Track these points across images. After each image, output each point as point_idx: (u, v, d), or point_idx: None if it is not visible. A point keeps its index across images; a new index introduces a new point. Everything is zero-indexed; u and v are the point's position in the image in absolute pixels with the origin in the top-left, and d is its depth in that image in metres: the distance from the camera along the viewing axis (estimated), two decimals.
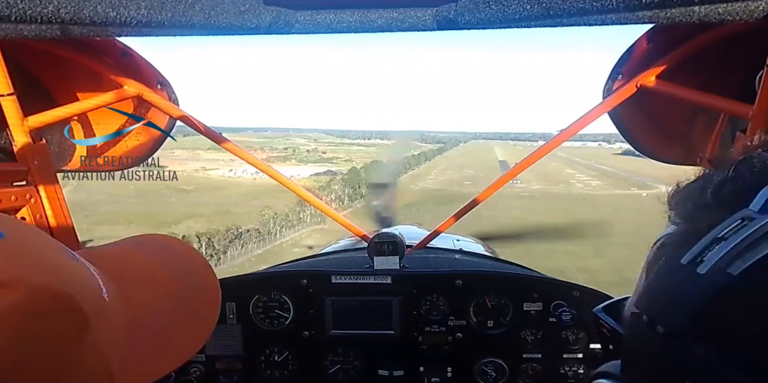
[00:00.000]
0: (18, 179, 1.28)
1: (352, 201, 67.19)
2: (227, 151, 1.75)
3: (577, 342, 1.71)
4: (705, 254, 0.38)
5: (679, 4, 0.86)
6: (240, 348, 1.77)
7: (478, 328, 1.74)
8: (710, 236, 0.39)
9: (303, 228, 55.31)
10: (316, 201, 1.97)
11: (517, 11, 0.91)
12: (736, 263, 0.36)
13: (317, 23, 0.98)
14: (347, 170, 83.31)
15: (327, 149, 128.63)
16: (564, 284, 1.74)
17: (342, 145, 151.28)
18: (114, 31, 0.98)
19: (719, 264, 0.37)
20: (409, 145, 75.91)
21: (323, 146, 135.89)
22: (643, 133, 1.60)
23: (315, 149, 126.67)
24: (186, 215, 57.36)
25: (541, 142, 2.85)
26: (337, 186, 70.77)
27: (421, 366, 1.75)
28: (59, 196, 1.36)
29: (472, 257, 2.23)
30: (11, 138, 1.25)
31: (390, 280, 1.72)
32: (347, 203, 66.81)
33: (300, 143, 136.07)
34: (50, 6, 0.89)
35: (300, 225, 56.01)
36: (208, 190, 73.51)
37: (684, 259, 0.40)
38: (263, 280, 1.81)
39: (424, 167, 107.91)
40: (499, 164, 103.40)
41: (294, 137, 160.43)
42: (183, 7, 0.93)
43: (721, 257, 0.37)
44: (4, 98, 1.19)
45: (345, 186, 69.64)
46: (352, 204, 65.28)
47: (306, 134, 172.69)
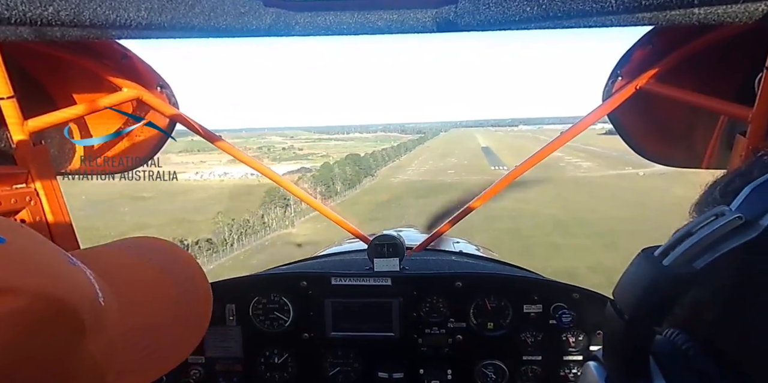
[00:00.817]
0: (18, 181, 1.28)
1: (325, 200, 58.69)
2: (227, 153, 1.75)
3: (576, 344, 1.71)
4: (674, 247, 0.40)
5: (678, 6, 0.86)
6: (240, 349, 1.77)
7: (478, 330, 1.73)
8: (684, 230, 0.40)
9: (268, 234, 49.87)
10: (313, 201, 1.96)
11: (516, 13, 0.91)
12: (703, 257, 0.38)
13: (317, 25, 0.98)
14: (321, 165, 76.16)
15: (303, 146, 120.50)
16: (564, 286, 1.73)
17: (320, 141, 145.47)
18: (114, 33, 0.98)
19: (684, 256, 0.39)
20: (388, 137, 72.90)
21: (300, 143, 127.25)
22: (643, 134, 1.60)
23: (291, 147, 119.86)
24: (134, 226, 47.90)
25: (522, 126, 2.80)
26: (307, 185, 59.94)
27: (421, 368, 1.74)
28: (59, 198, 1.36)
29: (471, 259, 2.23)
30: (11, 141, 1.25)
31: (390, 282, 1.72)
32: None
33: (276, 141, 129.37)
34: (50, 8, 0.90)
35: (265, 231, 50.19)
36: (169, 195, 64.91)
37: (657, 251, 0.41)
38: (263, 282, 1.81)
39: (404, 158, 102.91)
40: (482, 151, 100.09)
41: (270, 135, 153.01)
42: (183, 9, 0.94)
43: (687, 249, 0.39)
44: (4, 100, 1.19)
45: (316, 184, 61.85)
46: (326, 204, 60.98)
47: (282, 132, 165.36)
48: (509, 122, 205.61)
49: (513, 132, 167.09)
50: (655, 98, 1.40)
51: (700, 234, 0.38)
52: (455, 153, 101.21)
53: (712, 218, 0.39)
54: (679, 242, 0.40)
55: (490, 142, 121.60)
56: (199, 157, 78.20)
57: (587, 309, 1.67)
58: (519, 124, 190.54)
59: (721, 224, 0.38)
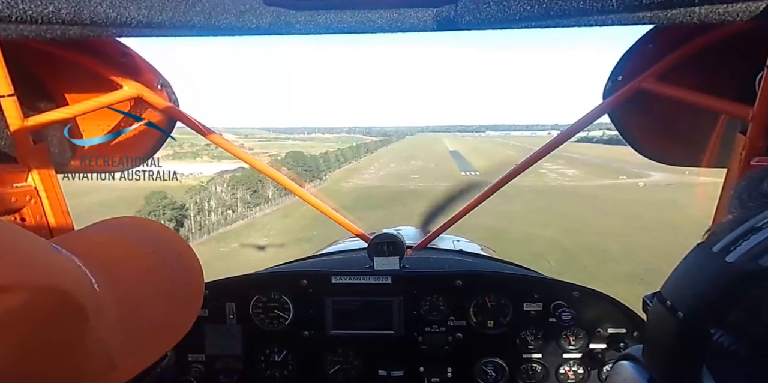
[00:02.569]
0: (18, 179, 1.28)
1: (250, 209, 45.63)
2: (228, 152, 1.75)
3: (576, 342, 1.71)
4: (739, 243, 0.37)
5: (679, 5, 0.86)
6: (240, 347, 1.77)
7: (478, 328, 1.74)
8: (747, 226, 0.37)
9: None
10: (311, 198, 1.95)
11: (517, 12, 0.91)
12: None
13: (318, 23, 0.98)
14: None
15: (255, 145, 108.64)
16: (564, 284, 1.74)
17: (276, 140, 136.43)
18: (114, 31, 0.98)
19: (750, 253, 0.35)
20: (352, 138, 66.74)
21: (252, 143, 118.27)
22: (643, 134, 1.60)
23: (241, 145, 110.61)
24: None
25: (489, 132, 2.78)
26: (221, 188, 46.36)
27: (421, 367, 1.75)
28: (59, 197, 1.36)
29: (471, 258, 2.23)
30: (11, 139, 1.25)
31: (390, 280, 1.72)
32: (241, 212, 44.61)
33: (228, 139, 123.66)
34: (50, 7, 0.90)
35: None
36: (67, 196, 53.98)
37: (716, 247, 0.38)
38: (263, 280, 1.81)
39: (364, 160, 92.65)
40: (450, 154, 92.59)
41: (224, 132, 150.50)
42: (183, 7, 0.94)
43: (753, 246, 0.36)
44: (5, 98, 1.19)
45: (236, 188, 46.54)
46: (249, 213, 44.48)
47: (237, 131, 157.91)
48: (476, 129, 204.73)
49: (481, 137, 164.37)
50: (655, 97, 1.40)
51: (767, 231, 0.35)
52: (421, 156, 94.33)
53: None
54: (743, 237, 0.37)
55: (459, 146, 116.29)
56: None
57: (587, 307, 1.67)
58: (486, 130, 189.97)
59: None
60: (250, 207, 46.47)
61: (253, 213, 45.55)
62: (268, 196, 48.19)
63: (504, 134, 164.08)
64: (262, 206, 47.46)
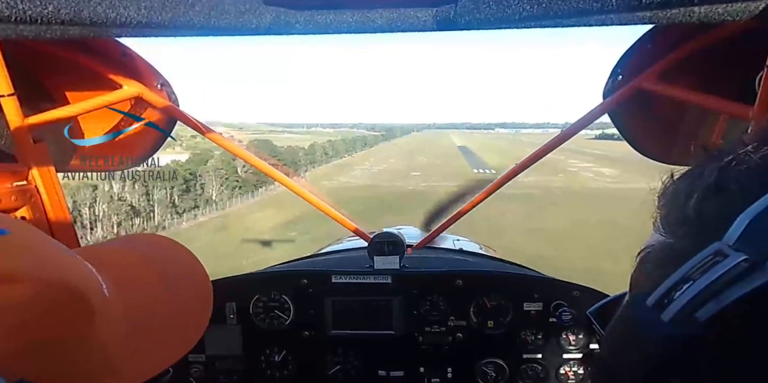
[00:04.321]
0: (18, 178, 1.28)
1: (179, 216, 34.12)
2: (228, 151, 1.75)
3: (577, 342, 1.71)
4: (672, 294, 0.34)
5: (679, 5, 0.86)
6: (240, 348, 1.77)
7: (478, 328, 1.74)
8: (679, 274, 0.34)
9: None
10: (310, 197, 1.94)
11: (516, 11, 0.91)
12: (706, 307, 0.32)
13: (318, 23, 0.98)
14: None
15: (245, 138, 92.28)
16: (564, 284, 1.74)
17: (269, 133, 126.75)
18: (114, 31, 0.98)
19: (685, 310, 0.33)
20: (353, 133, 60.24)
21: (242, 135, 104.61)
22: (643, 134, 1.60)
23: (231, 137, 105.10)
24: None
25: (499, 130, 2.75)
26: (119, 185, 33.75)
27: (421, 367, 1.75)
28: (59, 196, 1.36)
29: (472, 257, 2.23)
30: (12, 138, 1.25)
31: (390, 280, 1.72)
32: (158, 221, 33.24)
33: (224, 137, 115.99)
34: (50, 7, 0.90)
35: None
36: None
37: (650, 300, 0.35)
38: (263, 280, 1.81)
39: (359, 154, 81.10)
40: (459, 150, 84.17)
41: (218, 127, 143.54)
42: (183, 7, 0.94)
43: (688, 301, 0.33)
44: (5, 98, 1.19)
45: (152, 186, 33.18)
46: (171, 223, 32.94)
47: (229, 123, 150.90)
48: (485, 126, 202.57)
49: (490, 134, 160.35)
50: (655, 97, 1.40)
51: (701, 282, 0.32)
52: (425, 151, 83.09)
53: (710, 258, 0.33)
54: (676, 289, 0.34)
55: (468, 142, 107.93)
56: None
57: (588, 307, 1.67)
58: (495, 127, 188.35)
59: (726, 270, 0.31)
60: (180, 213, 34.75)
61: (180, 222, 33.88)
62: (212, 197, 36.64)
63: (514, 131, 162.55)
64: (199, 211, 35.62)
